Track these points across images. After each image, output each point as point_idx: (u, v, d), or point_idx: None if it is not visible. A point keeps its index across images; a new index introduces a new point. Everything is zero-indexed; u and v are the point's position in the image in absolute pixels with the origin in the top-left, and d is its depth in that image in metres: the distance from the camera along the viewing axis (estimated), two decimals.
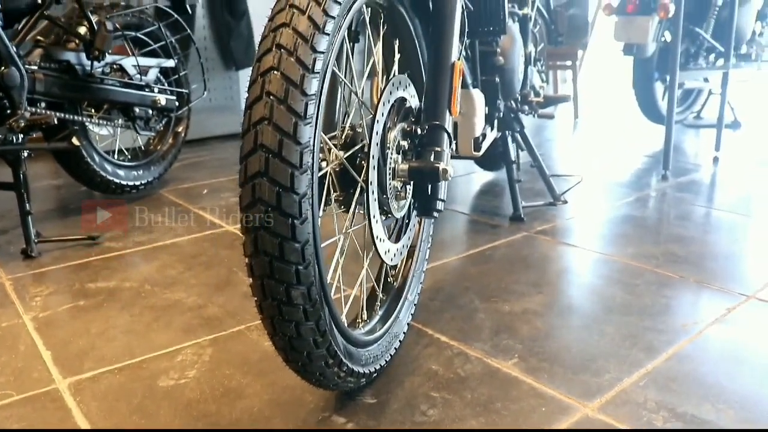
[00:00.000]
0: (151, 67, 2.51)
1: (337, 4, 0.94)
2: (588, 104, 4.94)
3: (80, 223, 2.37)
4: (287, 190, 0.88)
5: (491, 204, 2.48)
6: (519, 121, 2.14)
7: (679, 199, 2.52)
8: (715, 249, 1.99)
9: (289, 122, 0.87)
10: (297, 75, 0.88)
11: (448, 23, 1.26)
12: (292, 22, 0.90)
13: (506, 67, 1.83)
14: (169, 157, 2.75)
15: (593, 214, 2.34)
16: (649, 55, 3.37)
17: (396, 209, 1.20)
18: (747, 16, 3.73)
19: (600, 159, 3.29)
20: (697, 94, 4.12)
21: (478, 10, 1.57)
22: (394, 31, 1.31)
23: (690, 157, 3.30)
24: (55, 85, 2.18)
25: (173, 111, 2.59)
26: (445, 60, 1.24)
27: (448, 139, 1.21)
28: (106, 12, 2.38)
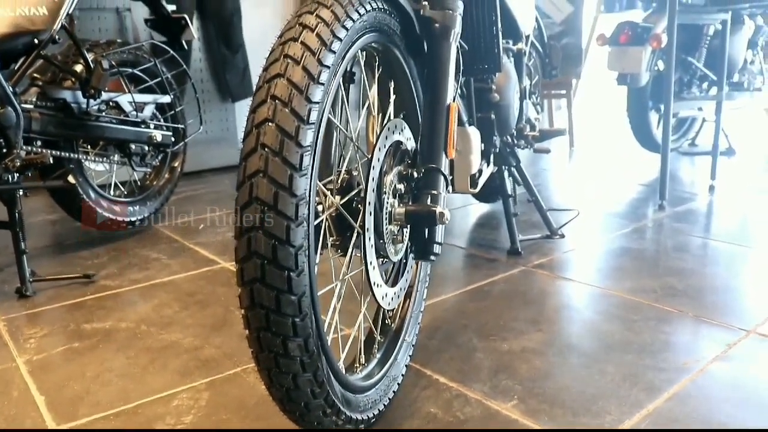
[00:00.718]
0: (147, 104, 2.52)
1: (332, 53, 0.94)
2: (583, 132, 4.97)
3: (76, 260, 2.36)
4: (283, 242, 0.87)
5: (488, 237, 2.47)
6: (515, 155, 2.14)
7: (677, 230, 2.52)
8: (713, 282, 1.98)
9: (284, 175, 0.87)
10: (292, 127, 0.87)
11: (444, 66, 1.26)
12: (286, 73, 0.90)
13: (502, 104, 1.84)
14: (165, 192, 2.74)
15: (590, 246, 2.34)
16: (643, 85, 3.40)
17: (393, 253, 1.19)
18: (738, 45, 3.77)
19: (596, 189, 3.30)
20: (691, 121, 4.15)
21: (473, 49, 1.58)
22: (389, 72, 1.32)
23: (686, 185, 3.31)
24: (51, 123, 2.18)
25: (169, 147, 2.59)
26: (441, 102, 1.24)
27: (445, 182, 1.21)
28: (103, 49, 2.39)
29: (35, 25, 2.08)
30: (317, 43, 0.93)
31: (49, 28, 2.11)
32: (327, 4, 0.99)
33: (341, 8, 0.99)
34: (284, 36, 0.95)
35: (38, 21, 2.09)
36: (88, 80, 2.21)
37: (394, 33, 1.22)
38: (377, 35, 1.15)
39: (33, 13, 2.08)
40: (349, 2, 1.02)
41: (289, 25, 0.97)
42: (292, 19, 0.97)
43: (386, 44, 1.22)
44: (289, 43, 0.93)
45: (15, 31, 2.03)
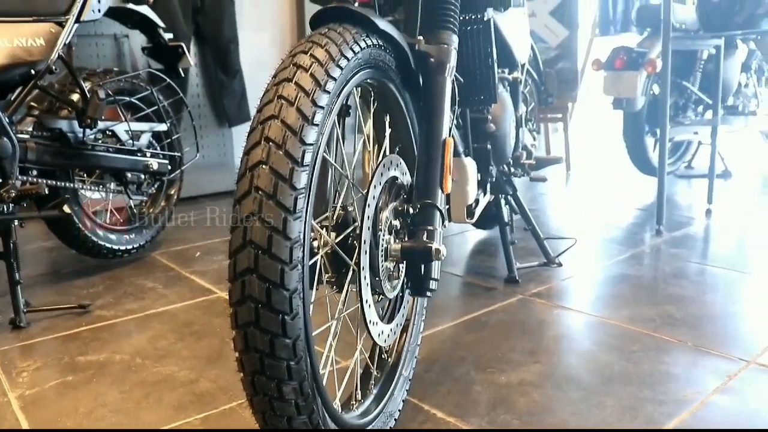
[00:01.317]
0: (144, 132, 2.51)
1: (326, 94, 0.94)
2: (579, 156, 4.98)
3: (71, 289, 2.35)
4: (277, 286, 0.87)
5: (485, 265, 2.46)
6: (512, 184, 2.14)
7: (674, 256, 2.51)
8: (712, 310, 1.97)
9: (279, 218, 0.86)
10: (286, 169, 0.87)
11: (439, 100, 1.26)
12: (280, 114, 0.90)
13: (498, 134, 1.84)
14: (161, 220, 2.74)
15: (588, 273, 2.33)
16: (639, 109, 3.41)
17: (389, 290, 1.19)
18: (732, 69, 3.79)
19: (593, 213, 3.29)
20: (687, 144, 4.16)
21: (468, 81, 1.58)
22: (384, 106, 1.32)
23: (683, 209, 3.31)
24: (47, 153, 2.18)
25: (165, 175, 2.59)
26: (436, 137, 1.24)
27: (441, 218, 1.21)
28: (100, 78, 2.39)
29: (32, 55, 2.08)
30: (311, 84, 0.93)
31: (46, 58, 2.11)
32: (321, 44, 0.99)
33: (336, 47, 0.99)
34: (278, 76, 0.95)
35: (35, 52, 2.09)
36: (84, 110, 2.21)
37: (389, 68, 1.22)
38: (372, 71, 1.15)
39: (30, 44, 2.08)
40: (344, 41, 1.02)
41: (283, 65, 0.97)
42: (287, 59, 0.97)
43: (381, 79, 1.22)
44: (283, 84, 0.93)
45: (12, 62, 2.03)
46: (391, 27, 1.18)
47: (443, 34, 1.32)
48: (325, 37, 1.01)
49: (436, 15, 1.35)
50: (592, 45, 5.47)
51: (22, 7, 2.09)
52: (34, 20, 2.11)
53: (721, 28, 3.06)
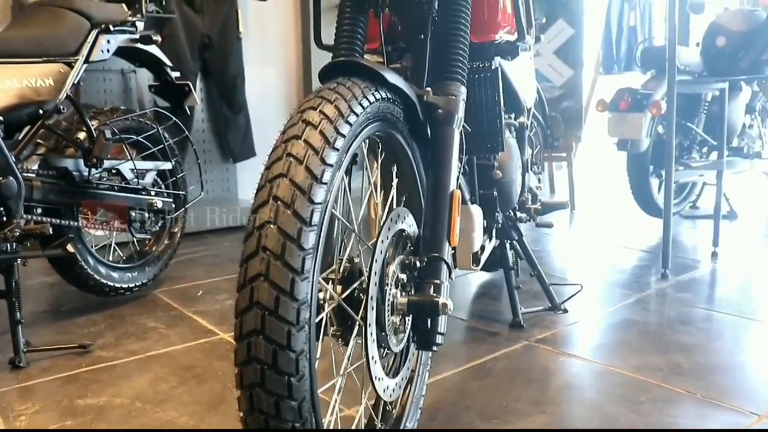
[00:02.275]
0: (149, 171, 2.52)
1: (335, 151, 0.94)
2: (584, 195, 4.97)
3: (72, 327, 2.33)
4: (283, 348, 0.85)
5: (489, 308, 2.44)
6: (517, 229, 2.13)
7: (681, 301, 2.49)
8: (721, 359, 1.94)
9: (286, 279, 0.85)
10: (294, 229, 0.86)
11: (447, 152, 1.26)
12: (289, 173, 0.89)
13: (504, 180, 1.84)
14: (164, 258, 2.72)
15: (593, 318, 2.31)
16: (643, 150, 3.42)
17: (395, 344, 1.17)
18: (736, 111, 3.80)
19: (598, 255, 3.28)
20: (692, 184, 4.15)
21: (475, 130, 1.58)
22: (392, 156, 1.31)
23: (689, 251, 3.29)
24: (52, 191, 2.18)
25: (169, 213, 2.58)
26: (444, 189, 1.23)
27: (448, 271, 1.19)
28: (106, 117, 2.40)
29: (41, 95, 2.10)
30: (321, 142, 0.92)
31: (54, 98, 2.13)
32: (330, 99, 0.99)
33: (345, 102, 0.99)
34: (287, 133, 0.95)
35: (44, 92, 2.11)
36: (90, 149, 2.21)
37: (397, 120, 1.22)
38: (381, 124, 1.15)
39: (39, 84, 2.10)
40: (353, 96, 1.02)
41: (291, 122, 0.96)
42: (295, 115, 0.97)
43: (389, 131, 1.22)
44: (292, 141, 0.92)
45: (21, 102, 2.05)
46: (400, 80, 1.18)
47: (451, 85, 1.33)
48: (334, 92, 1.01)
49: (444, 66, 1.35)
50: (596, 84, 5.52)
51: (33, 49, 2.11)
52: (44, 61, 2.13)
53: (726, 72, 3.07)
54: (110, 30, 2.33)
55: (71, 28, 2.22)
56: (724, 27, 3.06)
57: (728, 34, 3.02)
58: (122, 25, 2.39)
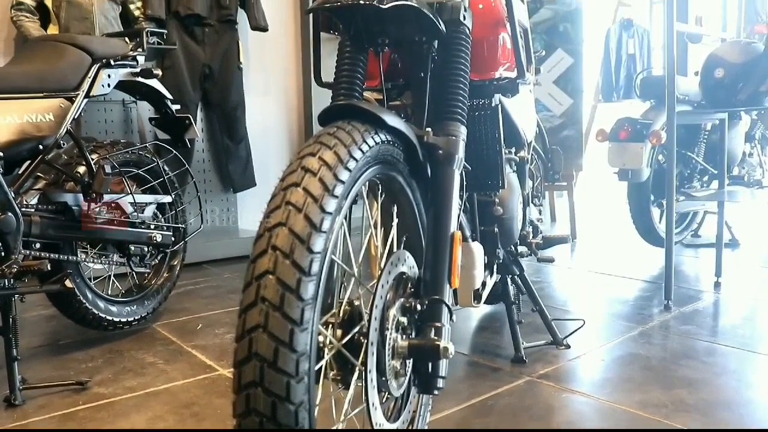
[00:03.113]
0: (149, 204, 2.51)
1: (335, 198, 0.93)
2: (584, 223, 4.96)
3: (70, 362, 2.30)
4: (282, 400, 0.84)
5: (491, 342, 2.42)
6: (518, 264, 2.12)
7: (684, 333, 2.46)
8: (726, 395, 1.92)
9: (285, 330, 0.84)
10: (293, 279, 0.85)
11: (447, 194, 1.25)
12: (288, 222, 0.88)
13: (505, 217, 1.83)
14: (163, 291, 2.71)
15: (596, 353, 2.28)
16: (644, 180, 3.41)
17: (395, 388, 1.15)
18: (736, 139, 3.81)
19: (599, 285, 3.26)
20: (693, 213, 4.15)
21: (476, 168, 1.58)
22: (391, 197, 1.31)
23: (691, 281, 3.27)
24: (51, 227, 2.17)
25: (169, 247, 2.57)
26: (445, 231, 1.23)
27: (449, 313, 1.18)
28: (107, 151, 2.40)
29: (41, 131, 2.10)
30: (320, 189, 0.92)
31: (54, 133, 2.13)
32: (330, 145, 0.98)
33: (344, 148, 0.99)
34: (286, 180, 0.94)
35: (44, 127, 2.11)
36: (90, 184, 2.21)
37: (397, 161, 1.21)
38: (381, 167, 1.14)
39: (40, 120, 2.10)
40: (352, 141, 1.01)
41: (291, 168, 0.96)
42: (294, 161, 0.97)
43: (389, 173, 1.21)
44: (291, 189, 0.92)
45: (21, 138, 2.05)
46: (400, 121, 1.17)
47: (452, 125, 1.32)
48: (334, 137, 1.00)
49: (444, 105, 1.35)
50: (595, 111, 5.54)
51: (35, 84, 2.12)
52: (45, 96, 2.14)
53: (725, 103, 3.08)
54: (111, 64, 2.34)
55: (72, 64, 2.23)
56: (722, 59, 3.07)
57: (726, 65, 3.04)
58: (123, 59, 2.40)
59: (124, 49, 2.41)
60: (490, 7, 1.64)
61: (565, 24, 4.32)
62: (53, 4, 3.45)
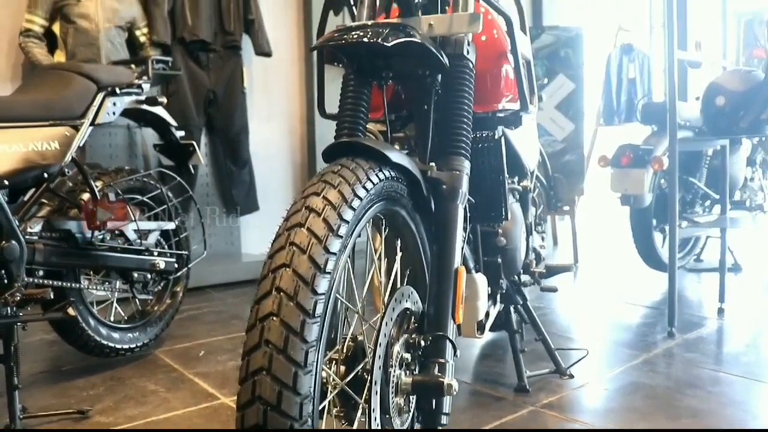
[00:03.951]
0: (152, 231, 2.52)
1: (339, 238, 0.93)
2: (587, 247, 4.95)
3: (71, 390, 2.29)
4: None
5: (494, 371, 2.41)
6: (521, 294, 2.12)
7: (689, 362, 2.45)
8: (732, 426, 1.90)
9: (289, 373, 0.84)
10: (297, 322, 0.85)
11: (451, 229, 1.26)
12: (292, 263, 0.89)
13: (508, 247, 1.83)
14: (166, 318, 2.70)
15: (600, 382, 2.27)
16: (646, 206, 3.42)
17: (398, 425, 1.15)
18: (738, 164, 3.82)
19: (602, 311, 3.25)
20: (696, 238, 4.14)
21: (479, 200, 1.58)
22: (395, 231, 1.31)
23: (694, 307, 3.26)
24: (54, 254, 2.17)
25: (172, 273, 2.57)
26: (448, 266, 1.23)
27: (453, 349, 1.18)
28: (111, 178, 2.41)
29: (46, 159, 2.11)
30: (324, 230, 0.92)
31: (59, 161, 2.15)
32: (334, 184, 0.99)
33: (348, 187, 0.99)
34: (290, 220, 0.94)
35: (49, 155, 2.12)
36: (94, 212, 2.21)
37: (401, 196, 1.22)
38: (385, 203, 1.15)
39: (45, 148, 2.11)
40: (357, 179, 1.02)
41: (295, 208, 0.96)
42: (299, 201, 0.97)
43: (393, 208, 1.21)
44: (295, 230, 0.92)
45: (26, 167, 2.06)
46: (404, 157, 1.18)
47: (455, 160, 1.33)
48: (338, 175, 1.01)
49: (448, 139, 1.36)
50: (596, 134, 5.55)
51: (40, 112, 2.14)
52: (50, 124, 2.15)
53: (726, 131, 3.09)
54: (117, 92, 2.36)
55: (78, 92, 2.25)
56: (723, 87, 3.09)
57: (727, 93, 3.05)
58: (129, 87, 2.42)
59: (129, 77, 2.43)
60: (493, 40, 1.66)
61: (566, 49, 4.36)
62: (60, 31, 3.48)
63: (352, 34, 1.19)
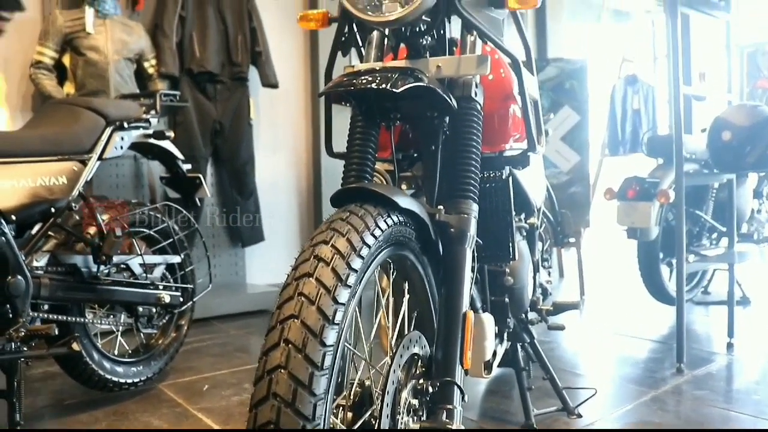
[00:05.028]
0: (158, 265, 2.51)
1: (347, 288, 0.93)
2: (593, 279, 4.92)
3: (74, 424, 2.27)
4: None
5: (501, 408, 2.38)
6: (529, 332, 2.10)
7: (699, 399, 2.42)
8: None
9: (296, 426, 0.83)
10: (305, 375, 0.84)
11: (459, 273, 1.25)
12: (300, 314, 0.88)
13: (516, 287, 1.82)
14: (170, 351, 2.69)
15: (608, 420, 2.24)
16: (653, 239, 3.40)
17: None
18: (744, 196, 3.81)
19: (609, 346, 3.22)
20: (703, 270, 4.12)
21: (486, 240, 1.57)
22: (403, 274, 1.30)
23: (703, 342, 3.23)
24: (60, 288, 2.17)
25: (177, 307, 2.56)
26: (456, 311, 1.22)
27: (460, 395, 1.16)
28: (118, 211, 2.42)
29: (53, 194, 2.12)
30: (333, 280, 0.91)
31: (66, 196, 2.16)
32: (342, 232, 0.99)
33: (357, 235, 0.99)
34: (299, 270, 0.94)
35: (57, 190, 2.13)
36: (100, 246, 2.21)
37: (409, 240, 1.21)
38: (393, 249, 1.14)
39: (53, 183, 2.12)
40: (365, 226, 1.01)
41: (303, 257, 0.96)
42: (307, 249, 0.97)
43: (401, 252, 1.21)
44: (303, 279, 0.92)
45: (33, 201, 2.07)
46: (412, 202, 1.18)
47: (463, 203, 1.33)
48: (346, 223, 1.01)
49: (456, 182, 1.36)
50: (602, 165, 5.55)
51: (49, 147, 2.15)
52: (58, 159, 2.17)
53: (733, 166, 3.09)
54: (125, 127, 2.38)
55: (87, 127, 2.27)
56: (729, 122, 3.09)
57: (733, 128, 3.06)
58: (137, 121, 2.43)
59: (137, 111, 2.45)
60: (500, 79, 1.67)
61: (571, 81, 4.38)
62: (70, 63, 3.51)
63: (360, 79, 1.20)
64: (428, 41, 1.45)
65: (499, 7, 1.46)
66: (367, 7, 1.32)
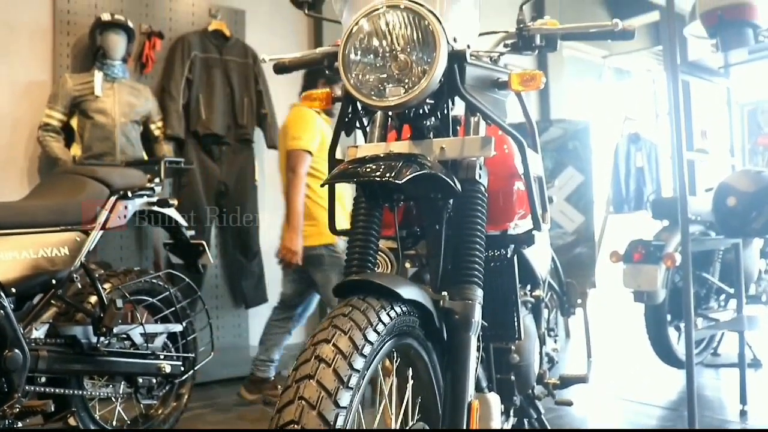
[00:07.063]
0: (159, 334, 2.48)
1: (349, 390, 0.90)
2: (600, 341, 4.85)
3: None
4: None
5: None
6: (536, 407, 2.05)
7: None
8: None
9: None
10: None
11: (464, 361, 1.23)
12: (301, 420, 0.86)
13: (522, 364, 1.78)
14: (170, 421, 2.63)
15: None
16: (660, 302, 3.36)
17: None
18: (751, 258, 3.78)
19: (619, 414, 3.15)
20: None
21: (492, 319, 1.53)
22: (407, 361, 1.27)
23: (715, 409, 3.16)
24: (59, 361, 2.13)
25: (178, 377, 2.52)
26: (461, 401, 1.19)
27: None
28: (119, 280, 2.40)
29: (55, 265, 2.11)
30: (334, 382, 0.89)
31: (68, 267, 2.15)
32: (344, 329, 0.96)
33: (359, 332, 0.97)
34: (299, 371, 0.91)
35: (59, 261, 2.12)
36: (100, 318, 2.19)
37: (413, 329, 1.19)
38: (396, 339, 1.12)
39: (54, 254, 2.11)
40: (368, 322, 0.99)
41: (304, 357, 0.93)
42: (308, 349, 0.94)
43: (405, 341, 1.18)
44: (304, 382, 0.89)
45: (35, 273, 2.05)
46: (416, 291, 1.16)
47: (468, 288, 1.31)
48: (348, 319, 0.99)
49: (460, 267, 1.34)
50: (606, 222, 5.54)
51: (52, 218, 2.15)
52: (61, 230, 2.16)
53: (739, 231, 3.07)
54: (129, 196, 2.38)
55: (91, 197, 2.27)
56: (734, 187, 3.09)
57: (738, 194, 3.06)
58: (141, 189, 2.43)
59: (142, 180, 2.45)
60: (504, 156, 1.66)
61: (574, 142, 4.40)
62: (78, 125, 3.55)
63: (365, 167, 1.20)
64: (431, 122, 1.45)
65: (503, 89, 1.47)
66: (371, 92, 1.33)
